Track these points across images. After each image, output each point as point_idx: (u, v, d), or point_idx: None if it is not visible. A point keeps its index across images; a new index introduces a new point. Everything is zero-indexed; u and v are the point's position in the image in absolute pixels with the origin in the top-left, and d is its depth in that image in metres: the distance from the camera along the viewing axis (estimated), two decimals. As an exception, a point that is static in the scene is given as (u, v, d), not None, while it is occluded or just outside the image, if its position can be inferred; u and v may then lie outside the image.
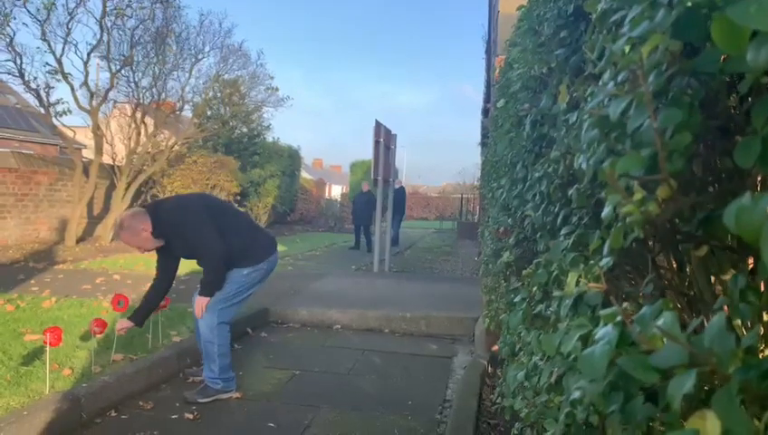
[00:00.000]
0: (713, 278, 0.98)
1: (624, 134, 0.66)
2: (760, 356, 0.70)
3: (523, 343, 1.82)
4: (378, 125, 9.29)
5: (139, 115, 12.02)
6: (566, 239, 1.15)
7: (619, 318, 0.61)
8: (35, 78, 10.60)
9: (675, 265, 1.10)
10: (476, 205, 22.60)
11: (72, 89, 10.82)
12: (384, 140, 9.43)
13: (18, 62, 10.23)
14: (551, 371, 1.11)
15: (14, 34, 10.08)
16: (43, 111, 10.93)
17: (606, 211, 0.70)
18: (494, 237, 2.65)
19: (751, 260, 0.88)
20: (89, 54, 10.90)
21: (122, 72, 11.57)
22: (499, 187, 2.36)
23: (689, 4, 0.62)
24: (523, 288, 1.76)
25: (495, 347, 4.23)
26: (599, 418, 0.72)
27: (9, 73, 10.38)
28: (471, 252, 13.42)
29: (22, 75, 10.31)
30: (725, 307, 0.76)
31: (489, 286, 3.31)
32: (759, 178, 0.73)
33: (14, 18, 10.06)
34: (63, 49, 10.56)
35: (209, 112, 16.12)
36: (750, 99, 0.70)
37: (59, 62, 10.55)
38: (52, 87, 10.70)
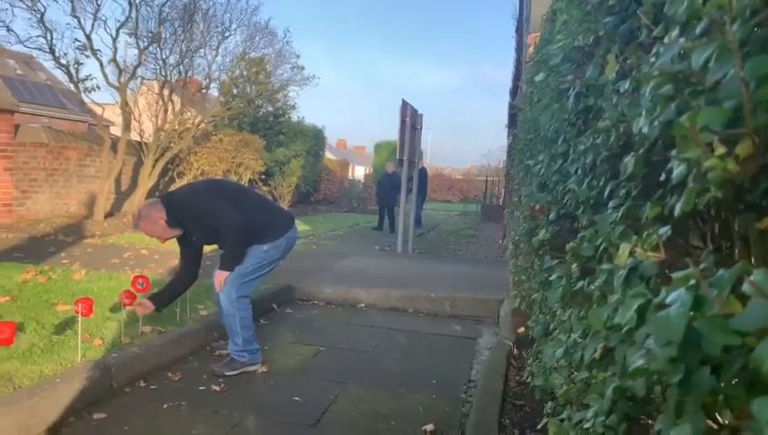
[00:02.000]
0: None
1: (697, 91, 0.62)
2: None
3: (558, 322, 1.78)
4: (404, 104, 9.21)
5: (166, 93, 12.08)
6: (614, 212, 1.12)
7: (692, 281, 0.58)
8: (65, 54, 10.67)
9: (724, 243, 1.06)
10: (501, 187, 22.44)
11: (101, 65, 10.90)
12: (410, 119, 9.35)
13: (48, 38, 10.31)
14: (595, 346, 1.08)
15: (45, 10, 10.16)
16: (72, 86, 11.03)
17: (678, 170, 0.66)
18: (526, 217, 2.60)
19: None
20: (117, 31, 10.94)
21: (150, 48, 11.61)
22: (536, 163, 2.32)
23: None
24: (558, 266, 1.72)
25: (521, 329, 4.20)
26: (661, 389, 0.69)
27: (40, 49, 10.47)
28: (495, 235, 13.33)
29: (52, 51, 10.40)
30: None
31: (520, 266, 3.27)
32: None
33: (45, -6, 10.13)
34: (93, 25, 10.62)
35: (235, 91, 16.11)
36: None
37: (88, 38, 10.61)
38: (82, 63, 10.76)
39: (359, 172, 37.22)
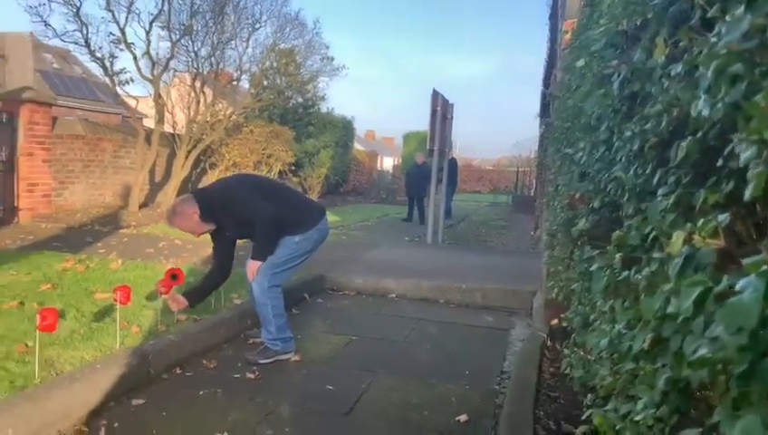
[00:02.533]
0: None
1: (764, 72, 0.59)
2: None
3: (598, 313, 1.75)
4: (435, 94, 9.14)
5: (198, 85, 12.21)
6: (664, 200, 1.09)
7: (765, 267, 0.56)
8: (100, 47, 10.89)
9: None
10: (533, 178, 22.18)
11: (135, 58, 11.07)
12: (441, 109, 9.28)
13: (84, 32, 10.51)
14: (644, 337, 1.05)
15: (81, 5, 10.35)
16: (107, 79, 11.24)
17: (746, 154, 0.63)
18: (564, 206, 2.56)
19: None
20: (151, 24, 11.08)
21: (182, 41, 11.74)
22: (576, 151, 2.27)
23: None
24: (599, 257, 1.69)
25: (555, 321, 4.14)
26: (725, 379, 0.67)
27: (76, 43, 10.69)
28: (526, 226, 13.20)
29: (88, 45, 10.60)
30: None
31: (556, 257, 3.23)
32: None
33: (81, -12, 10.31)
34: (127, 18, 10.80)
35: (265, 82, 16.19)
36: None
37: (122, 31, 10.79)
38: (116, 56, 10.98)
39: (387, 163, 37.17)
